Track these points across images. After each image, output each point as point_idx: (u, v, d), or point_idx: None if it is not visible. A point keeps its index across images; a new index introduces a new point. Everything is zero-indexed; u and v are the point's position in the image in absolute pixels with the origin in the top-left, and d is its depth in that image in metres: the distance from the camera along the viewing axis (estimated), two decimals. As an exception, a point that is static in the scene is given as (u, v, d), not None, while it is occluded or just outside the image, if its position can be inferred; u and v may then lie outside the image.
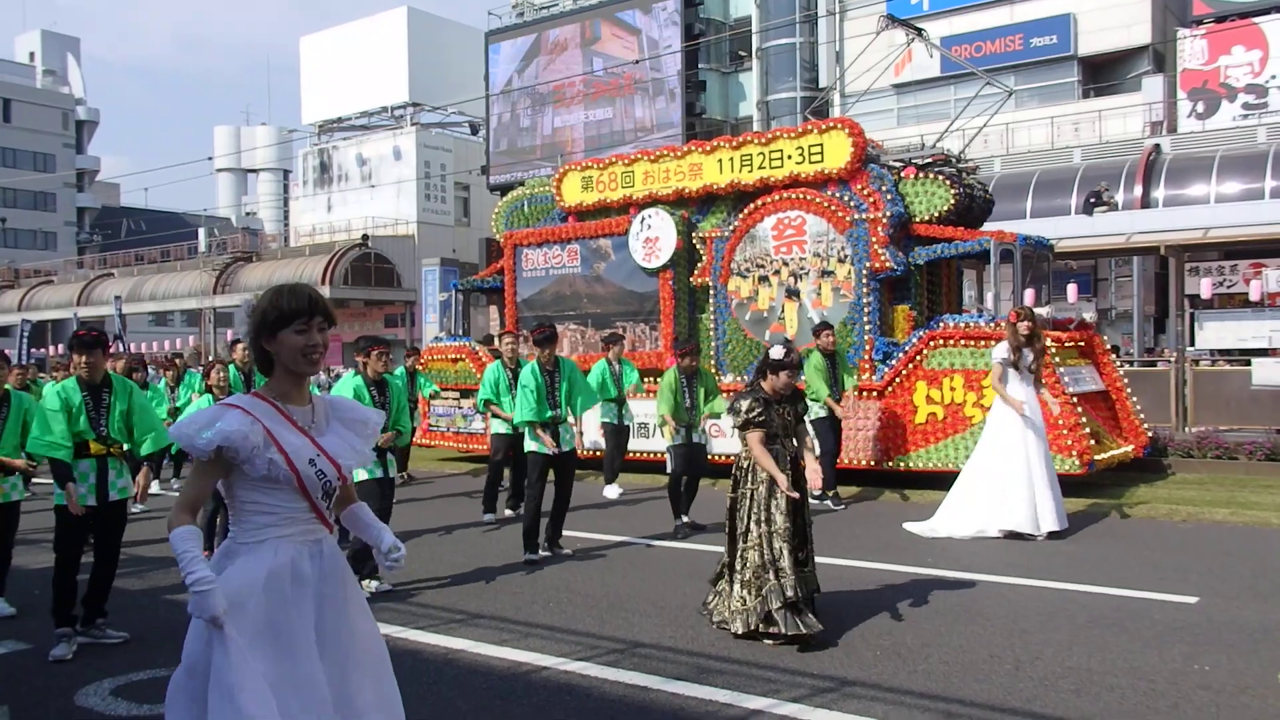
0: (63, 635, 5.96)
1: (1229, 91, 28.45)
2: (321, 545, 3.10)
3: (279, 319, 3.00)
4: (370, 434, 3.23)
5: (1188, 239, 19.52)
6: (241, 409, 2.97)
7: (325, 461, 3.04)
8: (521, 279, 15.32)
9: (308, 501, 3.03)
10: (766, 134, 13.40)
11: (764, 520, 5.96)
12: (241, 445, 2.89)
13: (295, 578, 2.98)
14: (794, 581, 5.80)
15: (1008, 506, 8.80)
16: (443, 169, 46.98)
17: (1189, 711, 4.67)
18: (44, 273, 54.74)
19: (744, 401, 6.16)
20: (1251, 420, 13.82)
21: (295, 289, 3.05)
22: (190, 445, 2.91)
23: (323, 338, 3.05)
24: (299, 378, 3.07)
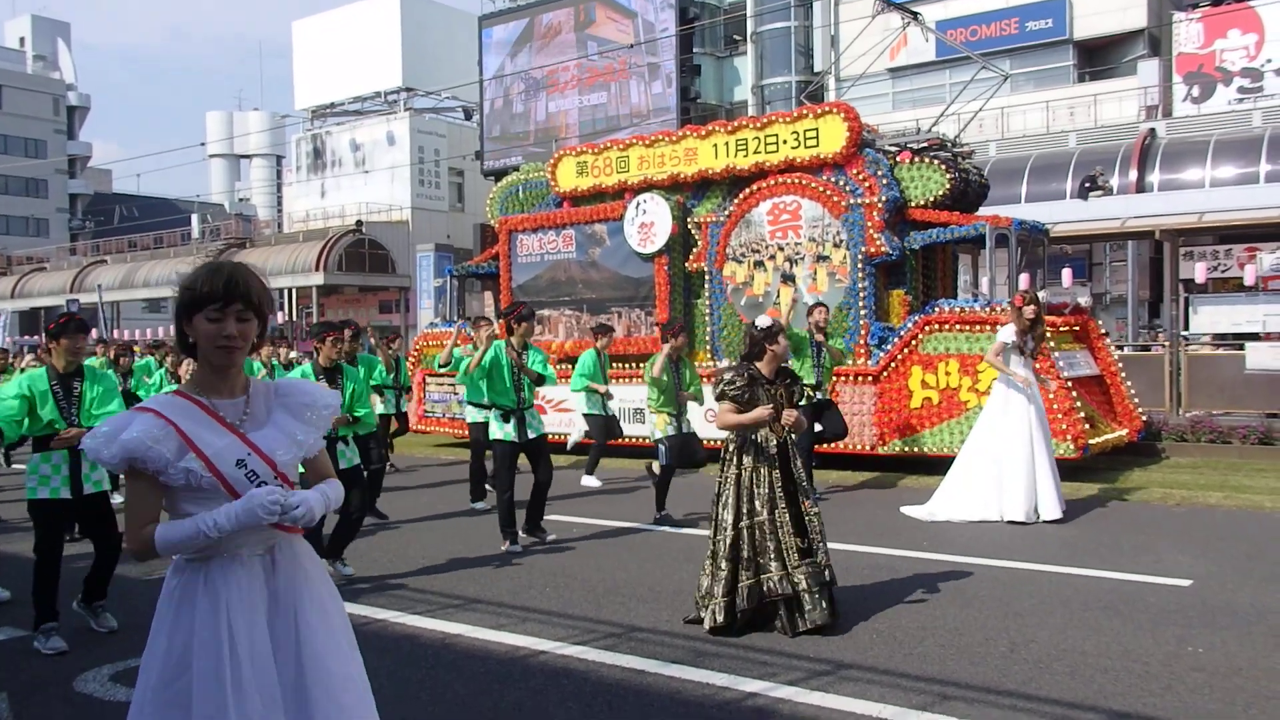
0: (52, 629, 5.87)
1: (1224, 75, 28.42)
2: (275, 555, 2.74)
3: (192, 301, 2.65)
4: (317, 418, 2.84)
5: (1182, 223, 19.54)
6: (154, 412, 2.61)
7: (257, 460, 2.67)
8: (517, 264, 15.30)
9: None
10: (762, 118, 13.38)
11: (747, 513, 5.74)
12: (149, 457, 2.55)
13: (247, 607, 2.65)
14: (779, 578, 5.63)
15: (1007, 495, 8.79)
16: (436, 154, 46.84)
17: (1182, 693, 4.69)
18: (36, 260, 54.61)
19: (726, 374, 5.97)
20: (1245, 404, 13.87)
21: (216, 269, 2.67)
22: (97, 457, 2.60)
23: (241, 328, 2.65)
24: (221, 368, 2.71)
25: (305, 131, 50.82)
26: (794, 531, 5.71)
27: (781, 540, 5.69)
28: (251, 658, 2.62)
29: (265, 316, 2.75)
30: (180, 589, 2.66)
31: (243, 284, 2.66)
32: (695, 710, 4.63)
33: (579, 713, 4.61)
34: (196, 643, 2.60)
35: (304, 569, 2.80)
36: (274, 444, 2.72)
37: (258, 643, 2.64)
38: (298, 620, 2.72)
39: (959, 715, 4.47)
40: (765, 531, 5.70)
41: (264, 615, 2.68)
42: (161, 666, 2.62)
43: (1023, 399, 8.90)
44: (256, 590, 2.68)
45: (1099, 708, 4.54)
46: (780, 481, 5.78)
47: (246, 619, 2.64)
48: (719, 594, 5.70)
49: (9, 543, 7.21)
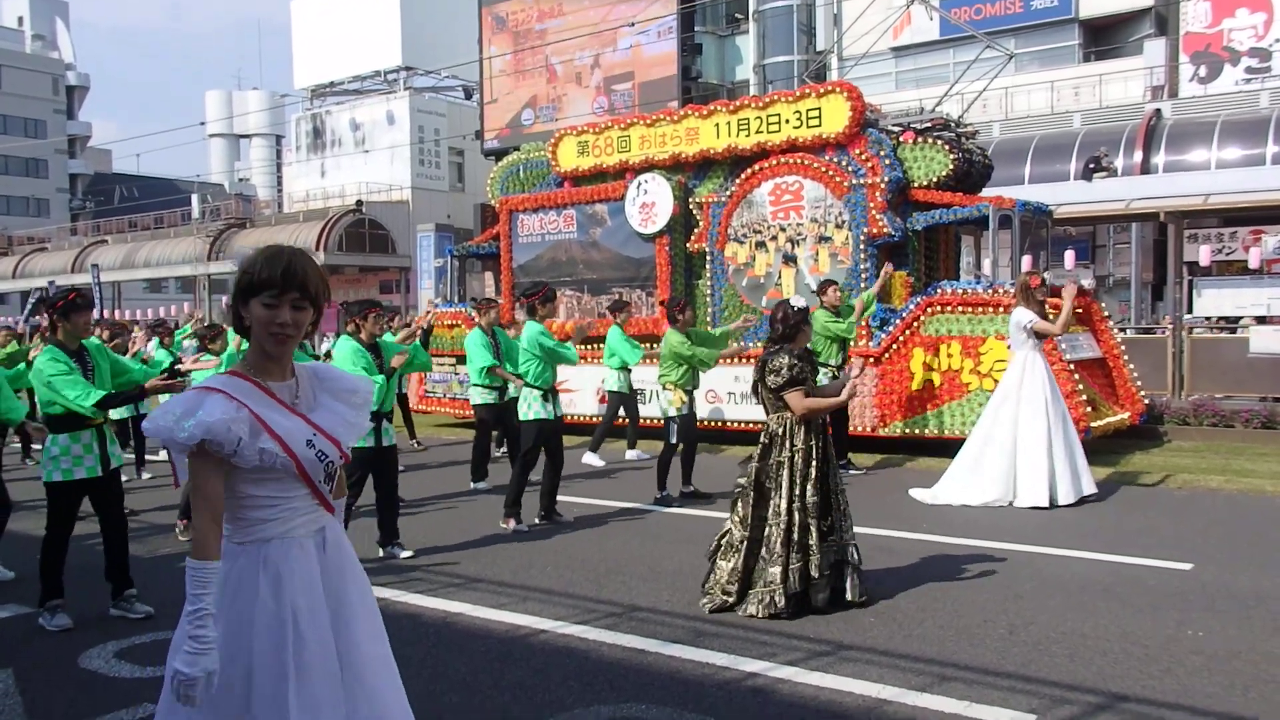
0: (57, 606, 5.86)
1: (1232, 55, 28.27)
2: (325, 534, 2.78)
3: (249, 286, 2.65)
4: (361, 403, 2.89)
5: (1187, 205, 19.45)
6: (224, 393, 2.60)
7: (324, 440, 2.71)
8: (517, 245, 15.27)
9: (309, 488, 2.71)
10: (764, 98, 13.32)
11: (799, 494, 5.70)
12: (226, 438, 2.53)
13: (307, 589, 2.66)
14: (819, 561, 5.66)
15: (1022, 480, 8.71)
16: (436, 134, 46.69)
17: (1181, 676, 4.70)
18: (37, 240, 54.52)
19: (781, 359, 5.80)
20: (1248, 388, 13.85)
21: (274, 255, 2.67)
22: (171, 440, 2.55)
23: (296, 316, 2.65)
24: (274, 353, 2.71)
25: (305, 111, 50.67)
26: (820, 514, 5.74)
27: (819, 522, 5.73)
28: (316, 639, 2.64)
29: (321, 306, 2.75)
30: (236, 571, 2.64)
31: (300, 273, 2.65)
32: (695, 689, 4.64)
33: (580, 691, 4.63)
34: (257, 625, 2.59)
35: (345, 550, 2.85)
36: (334, 425, 2.77)
37: (319, 625, 2.66)
38: (342, 602, 2.75)
39: (958, 696, 4.49)
40: (810, 514, 5.71)
41: (322, 595, 2.70)
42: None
43: (1038, 381, 8.78)
44: (314, 570, 2.70)
45: (1098, 690, 4.55)
46: (818, 461, 5.78)
47: (308, 600, 2.66)
48: (777, 580, 5.65)
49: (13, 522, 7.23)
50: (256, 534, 2.65)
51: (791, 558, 5.65)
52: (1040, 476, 8.64)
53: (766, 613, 5.62)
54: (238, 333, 2.77)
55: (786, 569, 5.64)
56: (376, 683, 2.77)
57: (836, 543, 5.80)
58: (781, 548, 5.66)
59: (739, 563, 5.80)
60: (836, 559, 5.79)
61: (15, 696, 4.77)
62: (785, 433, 5.81)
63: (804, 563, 5.66)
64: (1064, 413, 8.96)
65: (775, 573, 5.66)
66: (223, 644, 2.55)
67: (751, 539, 5.80)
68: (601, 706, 4.47)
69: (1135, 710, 4.32)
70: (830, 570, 5.73)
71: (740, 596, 5.80)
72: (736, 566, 5.81)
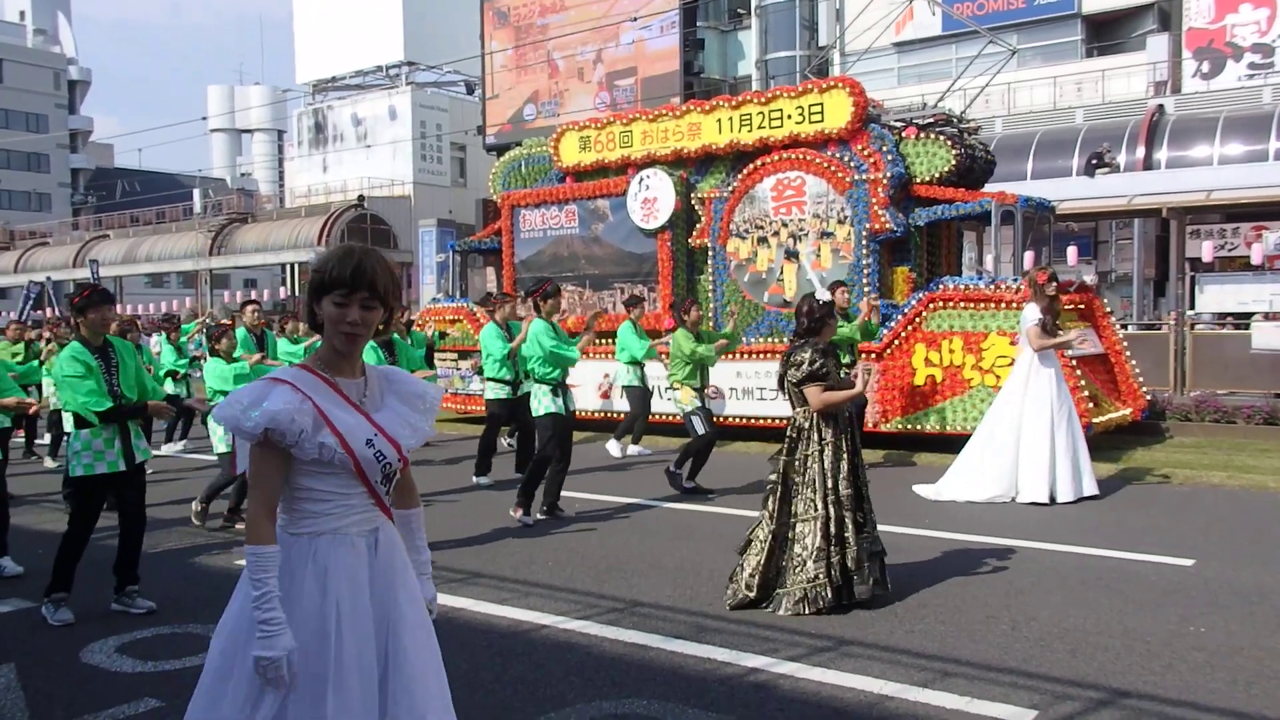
0: (62, 599, 5.85)
1: (1235, 51, 28.23)
2: (378, 535, 2.79)
3: (321, 284, 2.69)
4: (427, 408, 2.91)
5: (1190, 201, 19.44)
6: (291, 384, 2.65)
7: (384, 441, 2.73)
8: (519, 240, 15.26)
9: (365, 486, 2.73)
10: (766, 93, 13.30)
11: (831, 489, 5.68)
12: (288, 428, 2.59)
13: (353, 587, 2.69)
14: (856, 554, 5.64)
15: (1024, 476, 8.69)
16: (438, 129, 46.69)
17: (1183, 672, 4.70)
18: (39, 234, 54.54)
19: (803, 354, 5.78)
20: (1250, 384, 13.83)
21: (347, 254, 2.70)
22: (237, 428, 2.62)
23: (365, 316, 2.68)
24: (344, 350, 2.75)
25: (307, 106, 50.68)
26: (854, 506, 5.74)
27: (854, 514, 5.72)
28: (356, 638, 2.65)
29: (391, 305, 2.77)
30: (284, 561, 2.66)
31: (370, 272, 2.68)
32: (697, 685, 4.64)
33: (581, 686, 4.63)
34: (300, 616, 2.62)
35: (398, 555, 2.85)
36: (397, 427, 2.79)
37: (361, 623, 2.67)
38: (391, 607, 2.75)
39: (960, 692, 4.48)
40: (846, 506, 5.69)
41: (368, 595, 2.71)
42: (249, 639, 2.61)
43: (1046, 378, 8.74)
44: (362, 570, 2.71)
45: (1100, 686, 4.54)
46: (848, 454, 5.78)
47: (352, 600, 2.67)
48: (821, 576, 5.60)
49: (16, 515, 7.24)
50: (309, 527, 2.69)
51: (831, 552, 5.62)
52: (1041, 473, 8.63)
53: (811, 609, 5.56)
54: (312, 329, 2.83)
55: (829, 564, 5.60)
56: (422, 693, 2.76)
57: (870, 534, 5.79)
58: (822, 542, 5.63)
59: (762, 560, 5.76)
60: (872, 550, 5.78)
61: (17, 691, 4.78)
62: (811, 426, 5.79)
63: (842, 556, 5.64)
64: (1070, 410, 8.92)
65: (817, 569, 5.60)
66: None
67: (776, 535, 5.77)
68: (603, 702, 4.46)
69: (1137, 706, 4.32)
70: (869, 561, 5.72)
71: (763, 594, 5.74)
72: (759, 564, 5.76)
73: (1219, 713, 4.26)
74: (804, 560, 5.65)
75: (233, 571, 7.01)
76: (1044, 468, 8.64)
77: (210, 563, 7.31)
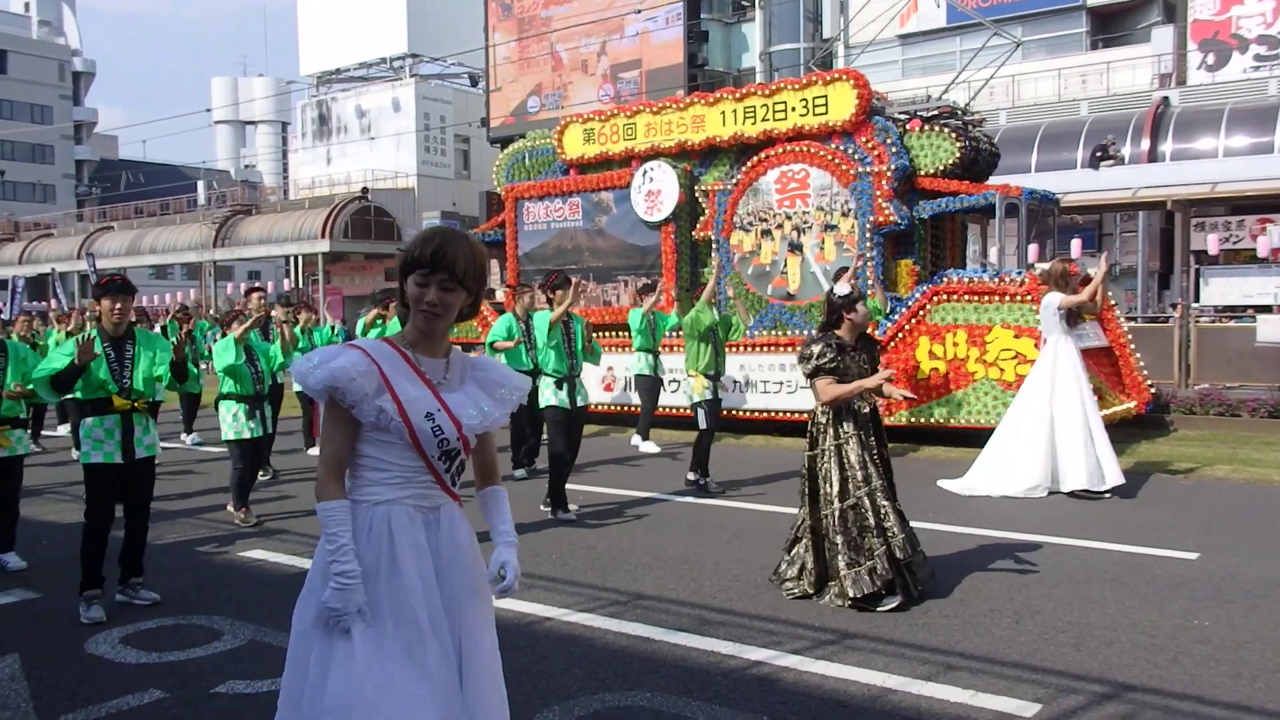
0: (93, 597, 5.76)
1: (1240, 43, 28.13)
2: (439, 516, 2.83)
3: (404, 264, 2.77)
4: (507, 399, 2.92)
5: (1195, 194, 19.41)
6: (362, 350, 2.75)
7: (445, 417, 2.76)
8: (523, 232, 15.25)
9: (423, 461, 2.76)
10: (770, 86, 13.28)
11: (863, 479, 5.62)
12: (349, 387, 2.67)
13: (415, 551, 2.74)
14: (903, 540, 5.59)
15: (1064, 465, 8.58)
16: (442, 121, 46.61)
17: (1188, 665, 4.70)
18: (44, 226, 54.53)
19: (815, 347, 5.72)
20: (1254, 377, 13.82)
21: (430, 236, 2.75)
22: (303, 382, 2.74)
23: (443, 297, 2.73)
24: (425, 330, 2.80)
25: (310, 98, 50.60)
26: (888, 495, 5.68)
27: (892, 503, 5.66)
28: (424, 596, 2.71)
29: (473, 288, 2.80)
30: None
31: (450, 255, 2.71)
32: (700, 677, 4.64)
33: (584, 679, 4.63)
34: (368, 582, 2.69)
35: (464, 537, 2.89)
36: (463, 408, 2.82)
37: (428, 583, 2.73)
38: (459, 587, 2.81)
39: (964, 686, 4.48)
40: (879, 495, 5.63)
41: (432, 564, 2.76)
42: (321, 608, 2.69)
43: (1070, 367, 8.67)
44: (421, 538, 2.77)
45: (1104, 680, 4.54)
46: (875, 448, 5.73)
47: (417, 563, 2.73)
48: (863, 564, 5.54)
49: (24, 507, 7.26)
50: (367, 495, 2.76)
51: (874, 543, 5.56)
52: (1080, 460, 8.51)
53: (855, 595, 5.52)
54: (402, 306, 2.86)
55: (873, 554, 5.55)
56: (489, 692, 2.83)
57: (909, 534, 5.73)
58: (858, 532, 5.59)
59: (811, 555, 5.75)
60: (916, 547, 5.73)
61: (21, 681, 4.78)
62: (829, 421, 5.75)
63: (886, 546, 5.57)
64: (1092, 399, 8.83)
65: (855, 557, 5.56)
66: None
67: (814, 529, 5.75)
68: (606, 694, 4.47)
69: (1141, 700, 4.32)
70: (916, 552, 5.67)
71: (819, 587, 5.73)
72: (811, 559, 5.75)
73: (1223, 706, 4.25)
74: (839, 550, 5.62)
75: (236, 563, 7.03)
76: (1081, 454, 8.52)
77: (215, 554, 7.32)
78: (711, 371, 9.33)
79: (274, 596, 6.11)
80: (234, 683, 4.68)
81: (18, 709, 4.47)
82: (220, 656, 5.04)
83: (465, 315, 2.85)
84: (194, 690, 4.62)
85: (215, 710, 4.41)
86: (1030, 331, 10.70)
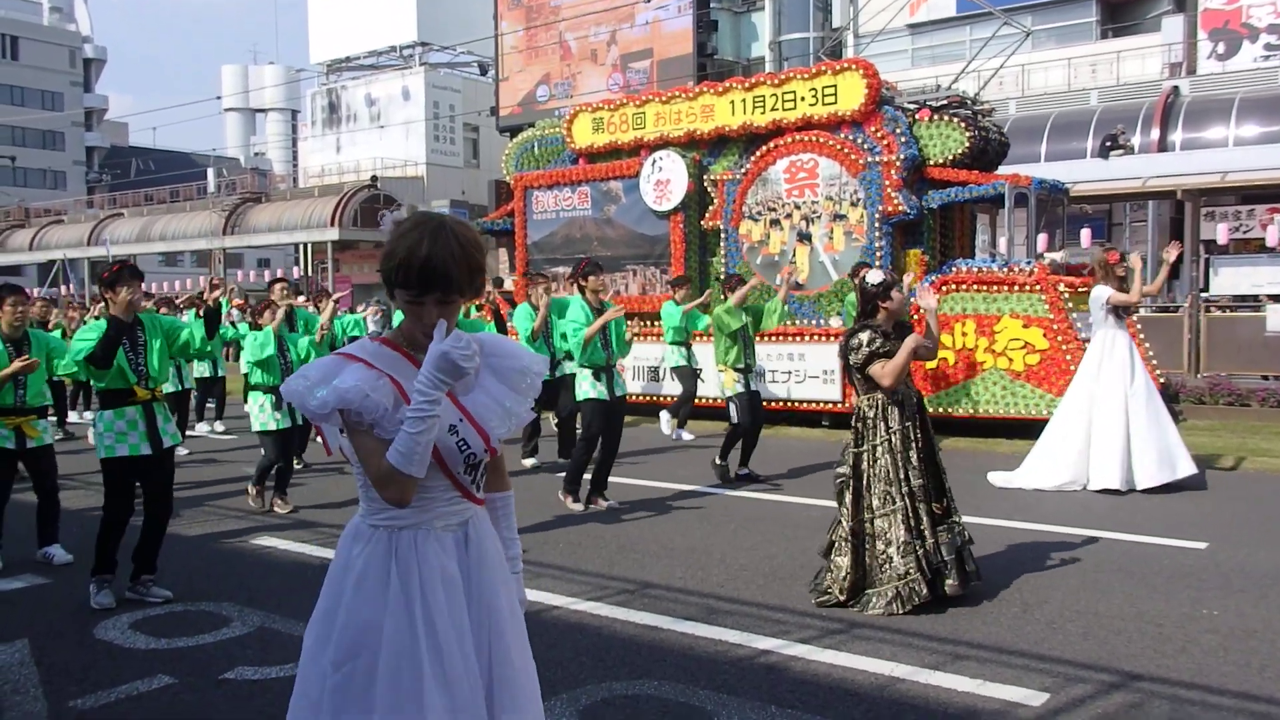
0: (105, 581, 5.71)
1: (1251, 32, 27.93)
2: (468, 530, 2.51)
3: (387, 278, 2.43)
4: (527, 388, 2.55)
5: (1205, 183, 19.31)
6: (364, 362, 2.37)
7: (469, 428, 2.43)
8: (531, 221, 15.25)
9: (448, 478, 2.44)
10: (779, 75, 13.25)
11: (904, 479, 5.39)
12: (365, 406, 2.30)
13: (447, 584, 2.42)
14: (935, 544, 5.36)
15: (1095, 462, 8.39)
16: (451, 109, 46.59)
17: (1197, 655, 4.69)
18: (54, 212, 54.64)
19: (861, 335, 5.50)
20: (1264, 367, 13.78)
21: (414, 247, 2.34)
22: (303, 406, 2.34)
23: (444, 310, 2.39)
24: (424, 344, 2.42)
25: (320, 86, 50.62)
26: (928, 497, 5.47)
27: (929, 505, 5.46)
28: (456, 635, 2.40)
29: (474, 290, 2.45)
30: (364, 559, 2.43)
31: (440, 267, 2.34)
32: (708, 666, 4.65)
33: (592, 667, 4.64)
34: (389, 622, 2.37)
35: (493, 546, 2.59)
36: (487, 413, 2.47)
37: (457, 618, 2.42)
38: (491, 608, 2.51)
39: (971, 675, 4.48)
40: (919, 498, 5.42)
41: (463, 591, 2.45)
42: (338, 641, 2.40)
43: (1120, 361, 8.42)
44: (451, 566, 2.45)
45: (1112, 669, 4.54)
46: (917, 443, 5.51)
47: (447, 595, 2.41)
48: (912, 571, 5.30)
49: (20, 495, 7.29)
50: (388, 519, 2.43)
51: (916, 545, 5.34)
52: (1114, 459, 8.29)
53: (906, 607, 5.28)
54: (391, 298, 2.48)
55: (916, 557, 5.32)
56: (524, 699, 2.54)
57: (952, 524, 5.53)
58: (906, 535, 5.35)
59: (849, 560, 5.46)
60: (961, 541, 5.52)
61: (31, 666, 4.81)
62: (878, 415, 5.50)
63: (924, 549, 5.37)
64: (1151, 391, 8.51)
65: (906, 565, 5.32)
66: (351, 633, 2.39)
67: (855, 532, 5.48)
68: (614, 683, 4.48)
69: (1149, 689, 4.31)
70: (954, 555, 5.43)
71: (853, 595, 5.45)
72: (848, 564, 5.46)
73: (1232, 695, 4.25)
74: (890, 557, 5.37)
75: (246, 550, 7.06)
76: (1117, 453, 8.30)
77: (224, 541, 7.35)
78: (741, 365, 9.18)
79: (283, 584, 6.14)
80: (243, 669, 4.70)
81: (27, 693, 4.50)
82: (229, 643, 5.07)
83: (469, 303, 2.57)
84: (203, 676, 4.64)
85: (224, 696, 4.43)
86: (1039, 321, 10.69)
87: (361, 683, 2.36)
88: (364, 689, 2.36)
